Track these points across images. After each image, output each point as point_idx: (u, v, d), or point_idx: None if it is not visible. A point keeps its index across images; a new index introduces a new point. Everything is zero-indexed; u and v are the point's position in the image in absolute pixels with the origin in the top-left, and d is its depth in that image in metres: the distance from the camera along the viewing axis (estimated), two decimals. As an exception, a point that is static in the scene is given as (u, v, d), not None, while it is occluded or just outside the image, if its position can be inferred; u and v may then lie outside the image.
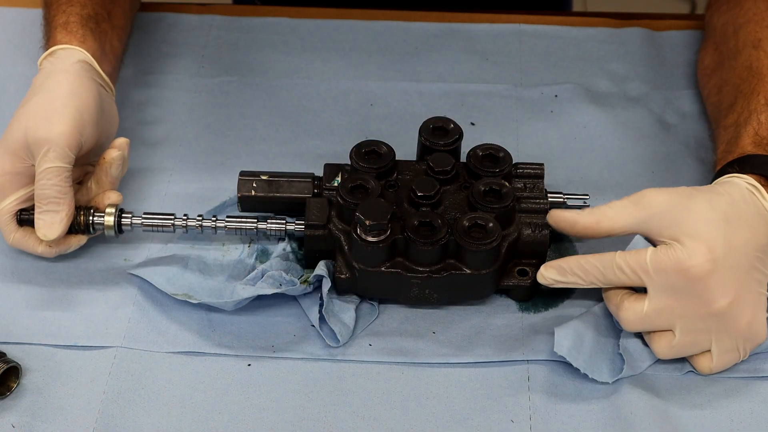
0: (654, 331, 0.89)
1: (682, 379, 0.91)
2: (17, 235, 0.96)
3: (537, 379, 0.91)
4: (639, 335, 0.91)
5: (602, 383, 0.89)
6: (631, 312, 0.88)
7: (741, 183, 0.91)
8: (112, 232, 0.98)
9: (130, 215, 0.98)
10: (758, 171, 0.93)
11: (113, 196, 0.99)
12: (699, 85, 1.15)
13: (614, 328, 0.92)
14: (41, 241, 0.96)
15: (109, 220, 0.97)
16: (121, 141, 1.00)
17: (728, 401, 0.89)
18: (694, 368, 0.91)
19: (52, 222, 0.94)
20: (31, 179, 0.96)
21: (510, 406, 0.89)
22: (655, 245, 0.89)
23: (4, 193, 0.96)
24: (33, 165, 0.95)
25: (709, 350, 0.89)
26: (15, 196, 0.96)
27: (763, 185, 0.91)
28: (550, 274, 0.91)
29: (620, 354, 0.90)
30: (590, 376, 0.89)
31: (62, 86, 0.97)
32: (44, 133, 0.93)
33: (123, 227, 0.98)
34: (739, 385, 0.91)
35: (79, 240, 0.99)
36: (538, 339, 0.94)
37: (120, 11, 1.10)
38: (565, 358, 0.89)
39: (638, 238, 0.90)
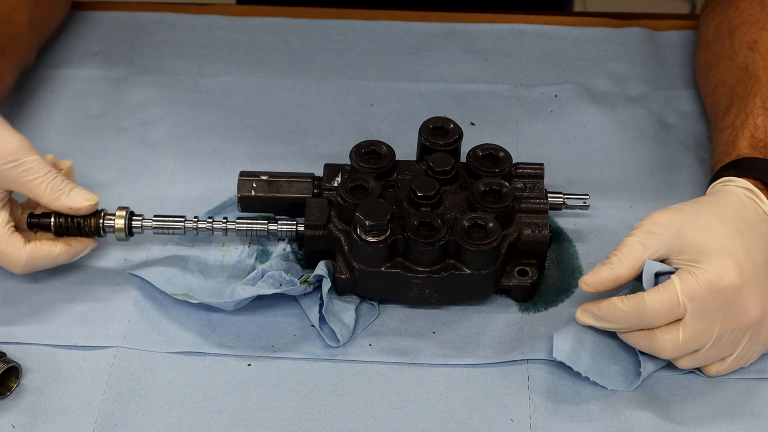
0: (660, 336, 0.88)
1: (682, 379, 0.91)
2: (29, 248, 0.93)
3: (537, 379, 0.91)
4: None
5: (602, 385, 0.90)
6: (668, 343, 0.86)
7: (738, 190, 0.91)
8: (122, 235, 0.97)
9: (140, 218, 0.97)
10: (754, 174, 0.92)
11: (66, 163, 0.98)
12: (697, 84, 1.15)
13: (614, 328, 0.92)
14: (56, 243, 0.94)
15: (120, 222, 0.96)
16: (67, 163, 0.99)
17: (728, 401, 0.89)
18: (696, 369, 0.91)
19: (83, 192, 0.94)
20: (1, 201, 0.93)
21: (510, 405, 0.89)
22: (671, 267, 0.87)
23: None
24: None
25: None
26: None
27: (759, 189, 0.91)
28: (586, 319, 0.89)
29: (627, 357, 0.89)
30: (592, 379, 0.88)
31: None
32: (6, 147, 0.91)
33: (134, 230, 0.98)
34: (739, 386, 0.90)
35: (94, 243, 0.97)
36: (538, 339, 0.93)
37: (5, 64, 1.06)
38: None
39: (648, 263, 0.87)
